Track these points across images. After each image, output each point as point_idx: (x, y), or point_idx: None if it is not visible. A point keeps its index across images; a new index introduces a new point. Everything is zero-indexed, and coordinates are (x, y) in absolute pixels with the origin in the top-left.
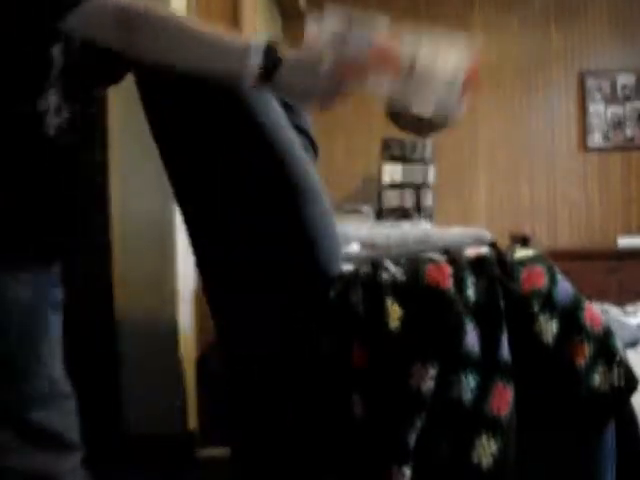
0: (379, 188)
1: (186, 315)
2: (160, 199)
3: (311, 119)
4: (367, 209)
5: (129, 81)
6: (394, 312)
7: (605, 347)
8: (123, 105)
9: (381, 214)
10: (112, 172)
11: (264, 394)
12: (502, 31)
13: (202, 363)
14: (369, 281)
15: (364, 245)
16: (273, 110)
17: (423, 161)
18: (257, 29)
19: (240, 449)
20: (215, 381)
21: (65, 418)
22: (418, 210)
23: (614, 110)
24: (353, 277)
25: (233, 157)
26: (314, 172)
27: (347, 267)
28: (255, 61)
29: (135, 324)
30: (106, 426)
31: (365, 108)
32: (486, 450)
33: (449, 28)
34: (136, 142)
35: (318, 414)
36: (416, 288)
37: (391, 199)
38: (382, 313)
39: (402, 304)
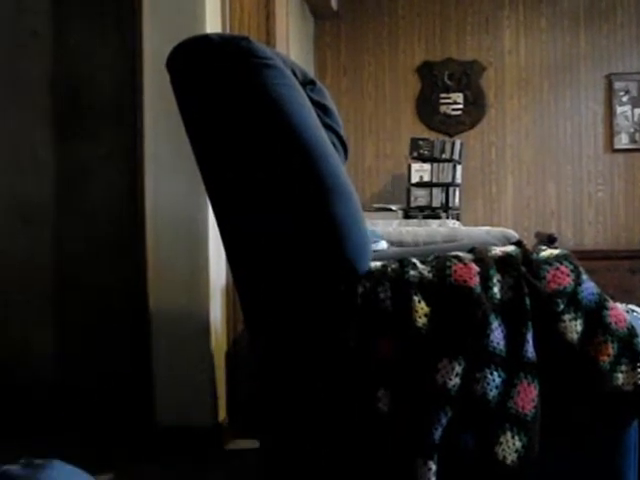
0: (408, 187)
1: (217, 309)
2: (192, 196)
3: (342, 120)
4: (396, 208)
5: (164, 86)
6: (421, 309)
7: (629, 346)
8: (157, 107)
9: (409, 213)
10: (146, 170)
11: (290, 387)
12: (531, 34)
13: (231, 356)
14: (397, 278)
15: (392, 243)
16: (306, 110)
17: (451, 161)
18: (289, 28)
19: (267, 441)
20: (242, 373)
21: None
22: (446, 209)
23: None
24: (381, 274)
25: (265, 155)
26: (344, 171)
27: (375, 264)
28: None
29: (168, 317)
30: (137, 417)
31: (395, 109)
32: (510, 446)
33: (478, 30)
34: (169, 142)
35: (344, 407)
36: (443, 285)
37: (419, 198)
38: (409, 310)
39: (429, 301)
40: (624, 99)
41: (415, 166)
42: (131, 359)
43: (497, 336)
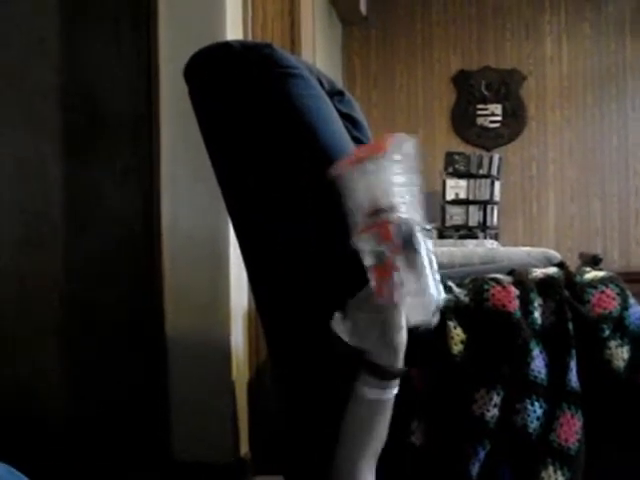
0: (442, 205)
1: (239, 335)
2: (212, 216)
3: (372, 133)
4: (430, 227)
5: (182, 96)
6: (457, 335)
7: None
8: (174, 121)
9: (444, 232)
10: (162, 188)
11: (317, 418)
12: (574, 40)
13: (254, 385)
14: None
15: None
16: (333, 122)
17: (489, 177)
18: (315, 35)
19: (292, 476)
20: (266, 403)
21: None
22: (483, 228)
23: None
24: None
25: (289, 168)
26: None
27: None
28: None
29: (186, 345)
30: (153, 451)
31: (429, 121)
32: None
33: (517, 37)
34: (186, 157)
35: None
36: (480, 310)
37: (455, 216)
38: (444, 336)
39: (465, 327)
40: None
41: (450, 182)
42: (146, 389)
43: (538, 364)
